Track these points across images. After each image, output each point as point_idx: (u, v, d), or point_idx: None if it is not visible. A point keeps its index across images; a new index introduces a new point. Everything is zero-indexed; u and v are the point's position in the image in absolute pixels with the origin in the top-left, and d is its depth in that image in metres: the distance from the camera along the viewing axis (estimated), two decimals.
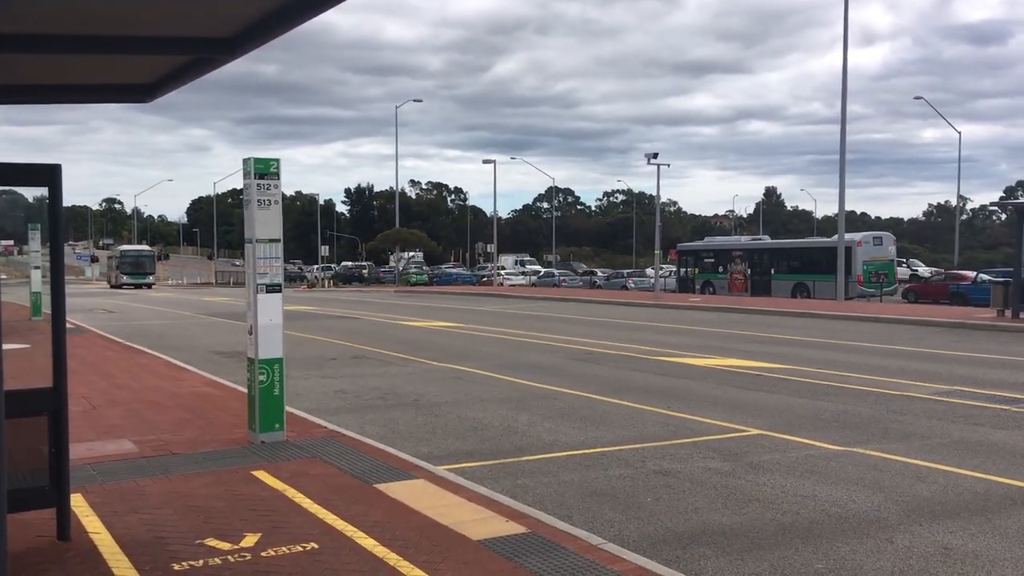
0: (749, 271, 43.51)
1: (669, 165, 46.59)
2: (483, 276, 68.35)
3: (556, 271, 67.38)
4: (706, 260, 46.69)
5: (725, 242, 49.77)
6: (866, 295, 38.05)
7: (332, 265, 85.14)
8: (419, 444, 9.15)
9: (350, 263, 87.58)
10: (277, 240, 8.42)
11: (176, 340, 20.88)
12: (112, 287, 64.49)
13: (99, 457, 7.96)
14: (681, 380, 13.72)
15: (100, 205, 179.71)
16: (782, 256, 42.82)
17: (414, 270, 71.62)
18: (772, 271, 42.38)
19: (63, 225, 5.51)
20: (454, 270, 76.10)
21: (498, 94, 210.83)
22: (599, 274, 63.15)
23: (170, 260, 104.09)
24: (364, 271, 77.50)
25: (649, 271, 58.25)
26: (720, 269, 45.26)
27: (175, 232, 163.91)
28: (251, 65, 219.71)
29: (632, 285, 53.11)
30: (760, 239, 49.37)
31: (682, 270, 48.23)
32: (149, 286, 64.29)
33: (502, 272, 66.08)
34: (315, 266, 79.70)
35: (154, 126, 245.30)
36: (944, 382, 13.33)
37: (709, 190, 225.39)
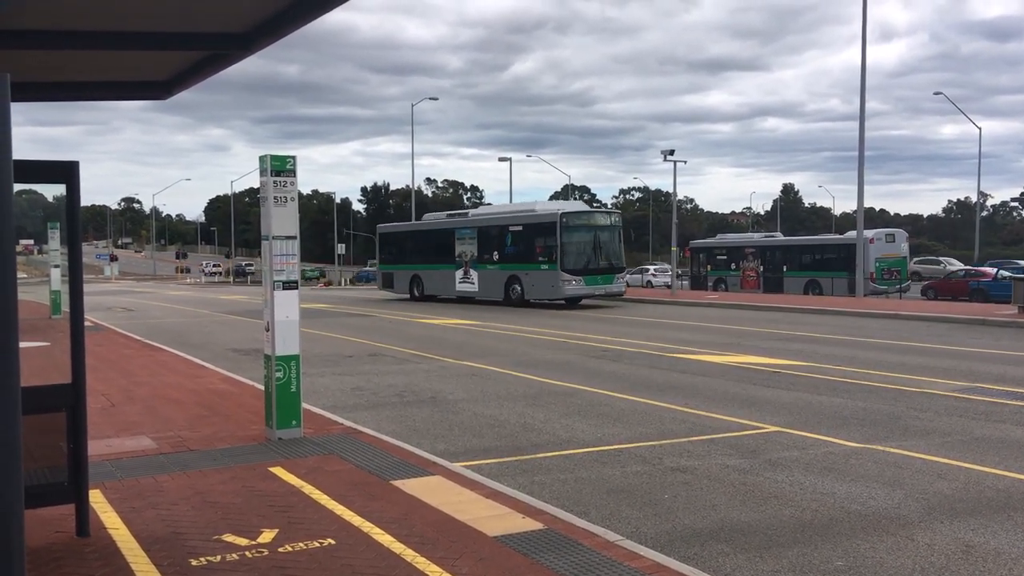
0: (762, 268, 43.31)
1: (686, 162, 46.26)
2: None
3: None
4: (719, 257, 46.50)
5: (738, 239, 49.56)
6: (879, 292, 37.77)
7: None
8: (436, 441, 9.14)
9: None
10: (293, 237, 8.46)
11: (194, 338, 20.99)
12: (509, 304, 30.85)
13: (118, 453, 8.00)
14: (698, 377, 13.65)
15: (119, 204, 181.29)
16: (795, 253, 42.55)
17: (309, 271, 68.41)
18: (784, 268, 42.14)
19: (80, 222, 5.54)
20: (370, 268, 69.40)
21: (515, 93, 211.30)
22: None
23: (188, 259, 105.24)
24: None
25: (652, 268, 58.05)
26: (733, 266, 45.06)
27: (193, 231, 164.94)
28: (273, 65, 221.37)
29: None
30: (773, 235, 49.10)
31: (695, 267, 48.09)
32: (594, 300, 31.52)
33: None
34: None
35: (174, 126, 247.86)
36: (965, 379, 13.19)
37: (726, 187, 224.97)
